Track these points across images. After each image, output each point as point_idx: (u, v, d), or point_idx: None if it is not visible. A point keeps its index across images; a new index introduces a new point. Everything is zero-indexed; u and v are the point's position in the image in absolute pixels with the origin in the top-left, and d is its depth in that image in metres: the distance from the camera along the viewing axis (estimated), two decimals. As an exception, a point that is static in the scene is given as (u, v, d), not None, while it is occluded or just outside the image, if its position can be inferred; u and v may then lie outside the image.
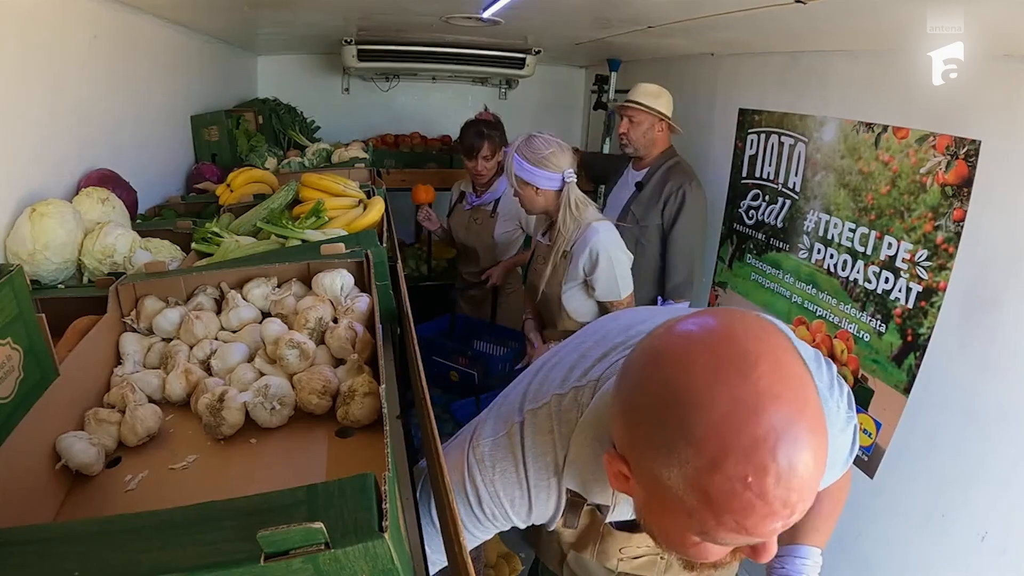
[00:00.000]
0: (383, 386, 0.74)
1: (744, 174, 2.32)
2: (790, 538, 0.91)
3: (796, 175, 2.04)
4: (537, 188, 1.74)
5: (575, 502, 0.78)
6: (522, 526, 0.81)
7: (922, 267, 1.56)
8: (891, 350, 1.67)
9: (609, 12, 1.99)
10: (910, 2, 1.21)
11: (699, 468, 0.50)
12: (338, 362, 0.91)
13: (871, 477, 1.72)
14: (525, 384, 0.83)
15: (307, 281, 1.06)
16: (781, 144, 2.11)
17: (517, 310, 1.76)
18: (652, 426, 0.53)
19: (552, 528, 0.84)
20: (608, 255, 1.71)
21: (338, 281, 1.02)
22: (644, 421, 0.54)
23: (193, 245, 1.26)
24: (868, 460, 1.73)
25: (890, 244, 1.65)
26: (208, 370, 0.90)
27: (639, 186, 2.24)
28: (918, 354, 1.59)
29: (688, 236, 2.15)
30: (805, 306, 2.01)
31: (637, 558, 0.90)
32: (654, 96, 2.17)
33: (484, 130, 2.43)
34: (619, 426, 0.59)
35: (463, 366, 2.37)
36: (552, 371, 0.81)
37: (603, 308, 1.81)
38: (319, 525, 0.41)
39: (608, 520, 0.85)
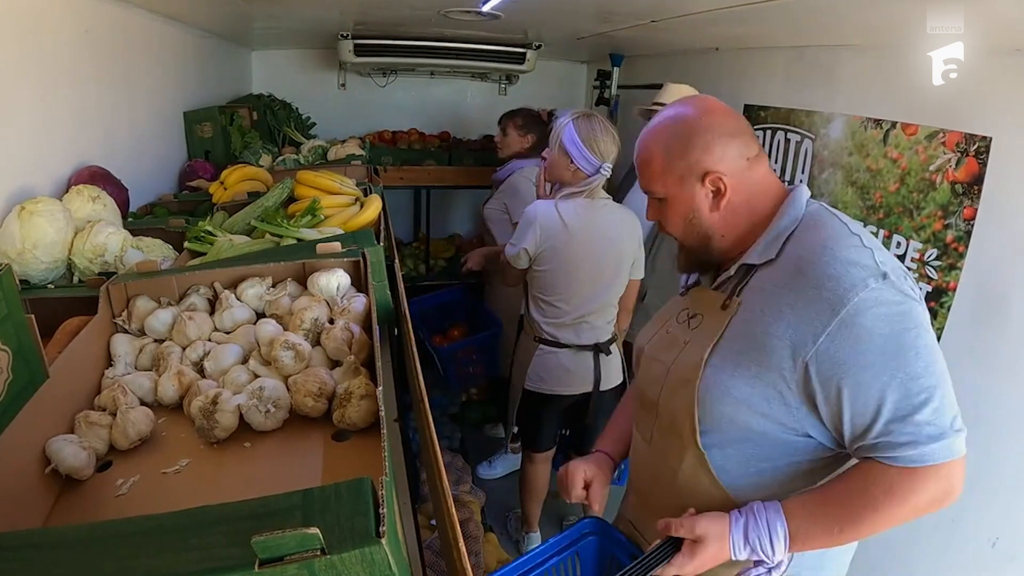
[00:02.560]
0: (380, 388, 0.73)
1: (748, 171, 2.29)
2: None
3: (803, 172, 2.02)
4: (572, 161, 1.80)
5: None
6: None
7: (931, 266, 1.54)
8: (898, 350, 1.65)
9: (611, 5, 1.97)
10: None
11: None
12: (334, 364, 0.90)
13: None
14: None
15: (302, 281, 1.05)
16: (787, 141, 2.08)
17: (508, 297, 1.81)
18: None
19: None
20: (528, 212, 1.80)
21: (334, 281, 1.00)
22: None
23: (186, 244, 1.25)
24: (873, 460, 1.71)
25: (899, 243, 1.63)
26: (201, 372, 0.89)
27: None
28: (926, 354, 1.56)
29: None
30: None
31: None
32: None
33: (515, 112, 2.57)
34: None
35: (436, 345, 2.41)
36: None
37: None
38: (315, 530, 0.41)
39: None
